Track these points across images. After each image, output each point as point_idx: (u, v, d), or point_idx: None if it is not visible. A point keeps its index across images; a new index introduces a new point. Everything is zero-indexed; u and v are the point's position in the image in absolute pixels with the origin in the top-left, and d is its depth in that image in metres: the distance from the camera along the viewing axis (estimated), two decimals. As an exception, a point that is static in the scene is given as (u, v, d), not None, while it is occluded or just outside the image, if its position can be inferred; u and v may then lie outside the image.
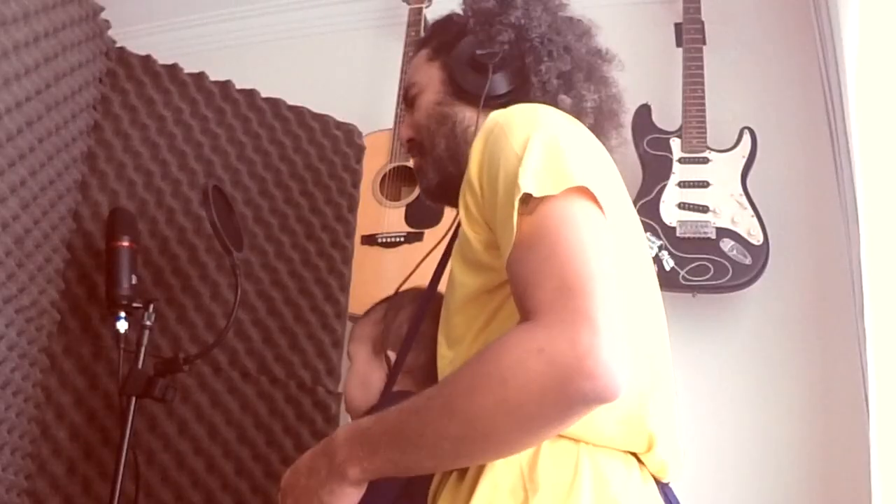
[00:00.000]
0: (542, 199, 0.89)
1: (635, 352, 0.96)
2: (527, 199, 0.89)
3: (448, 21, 1.33)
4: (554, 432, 0.87)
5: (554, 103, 1.17)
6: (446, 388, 0.88)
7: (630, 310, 0.95)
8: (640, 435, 0.98)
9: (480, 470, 0.93)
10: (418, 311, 1.30)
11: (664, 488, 1.04)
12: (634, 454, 0.99)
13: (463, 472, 0.97)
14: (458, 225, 1.07)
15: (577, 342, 0.79)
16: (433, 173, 1.26)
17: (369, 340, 1.48)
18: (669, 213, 2.23)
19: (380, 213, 2.37)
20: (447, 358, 1.07)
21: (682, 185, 2.26)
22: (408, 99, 1.31)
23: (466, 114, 1.23)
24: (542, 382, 0.80)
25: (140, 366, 1.51)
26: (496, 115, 1.04)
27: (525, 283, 0.87)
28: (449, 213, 2.34)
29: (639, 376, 0.96)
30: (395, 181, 2.43)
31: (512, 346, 0.83)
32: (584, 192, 0.90)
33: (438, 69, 1.27)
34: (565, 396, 0.80)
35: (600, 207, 0.91)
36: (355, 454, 0.92)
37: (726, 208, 2.21)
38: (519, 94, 1.21)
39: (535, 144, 0.94)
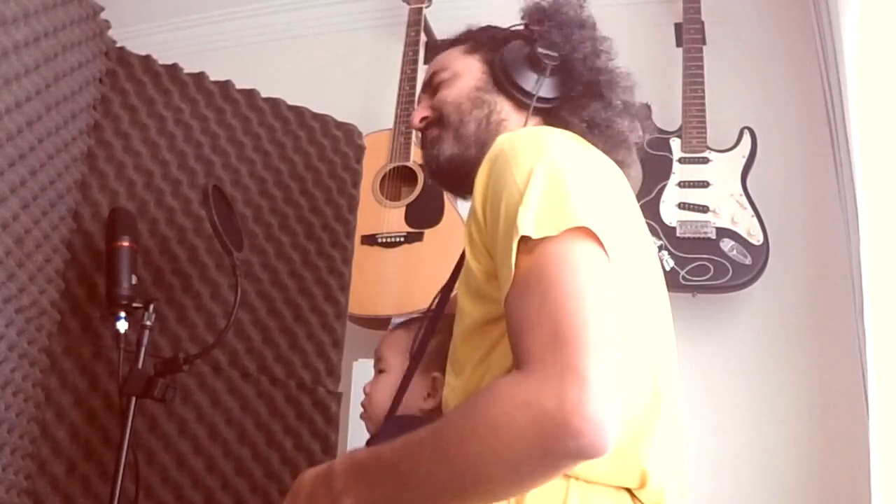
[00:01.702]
0: (541, 239, 0.88)
1: (636, 385, 0.97)
2: (526, 238, 0.89)
3: (487, 28, 1.33)
4: (544, 482, 0.87)
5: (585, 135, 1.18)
6: (438, 434, 0.88)
7: (633, 339, 0.95)
8: (632, 471, 0.97)
9: None
10: (423, 336, 1.27)
11: None
12: (628, 489, 0.98)
13: None
14: (464, 253, 1.06)
15: (564, 398, 0.78)
16: (451, 144, 1.24)
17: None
18: (669, 212, 2.23)
19: (380, 213, 2.38)
20: (451, 385, 1.07)
21: (682, 185, 2.26)
22: (434, 83, 1.29)
23: (505, 106, 1.22)
24: (529, 438, 0.80)
25: (140, 366, 1.51)
26: (502, 141, 1.03)
27: (519, 328, 0.87)
28: (449, 213, 2.35)
29: (636, 412, 0.96)
30: (395, 181, 2.43)
31: (502, 397, 0.83)
32: (586, 231, 0.89)
33: (479, 62, 1.27)
34: (552, 452, 0.80)
35: (602, 246, 0.90)
36: (351, 485, 0.93)
37: (726, 208, 2.21)
38: (559, 109, 1.21)
39: (537, 179, 0.93)
